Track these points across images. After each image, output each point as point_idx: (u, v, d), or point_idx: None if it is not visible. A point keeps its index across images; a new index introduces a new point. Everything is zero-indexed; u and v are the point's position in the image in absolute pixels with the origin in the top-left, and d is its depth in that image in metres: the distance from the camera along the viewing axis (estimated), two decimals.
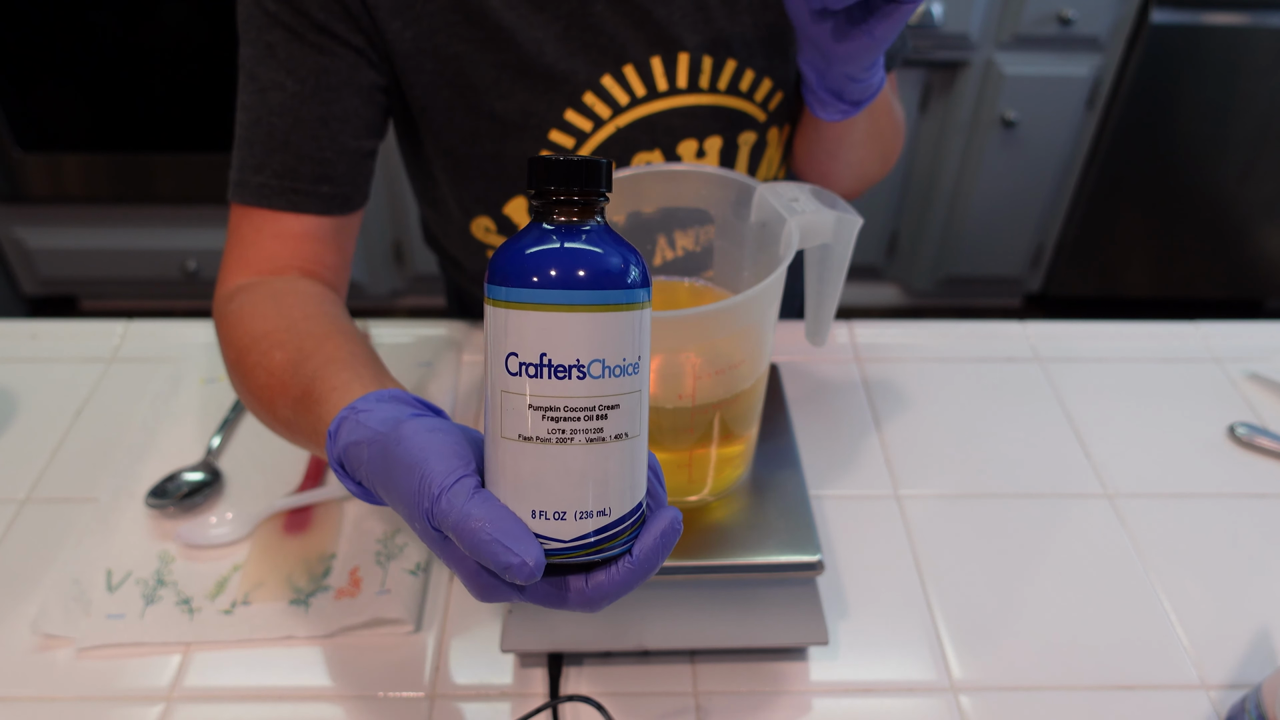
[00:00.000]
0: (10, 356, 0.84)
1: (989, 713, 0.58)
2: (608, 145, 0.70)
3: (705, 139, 0.72)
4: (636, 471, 0.37)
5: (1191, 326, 0.90)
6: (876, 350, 0.86)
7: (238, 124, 0.65)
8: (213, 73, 1.84)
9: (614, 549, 0.37)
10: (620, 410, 0.35)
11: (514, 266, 0.35)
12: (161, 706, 0.58)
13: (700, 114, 0.70)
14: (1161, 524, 0.70)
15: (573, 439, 0.35)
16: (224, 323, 0.61)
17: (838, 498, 0.72)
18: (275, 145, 0.63)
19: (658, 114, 0.70)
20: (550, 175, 0.35)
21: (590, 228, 0.36)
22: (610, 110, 0.69)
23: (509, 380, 0.35)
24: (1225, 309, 2.28)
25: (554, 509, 0.36)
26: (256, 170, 0.64)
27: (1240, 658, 0.61)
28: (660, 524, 0.37)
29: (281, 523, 0.68)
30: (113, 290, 2.21)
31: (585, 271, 0.34)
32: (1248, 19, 1.77)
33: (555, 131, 0.68)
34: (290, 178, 0.64)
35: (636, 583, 0.37)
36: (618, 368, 0.35)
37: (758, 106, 0.72)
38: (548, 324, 0.34)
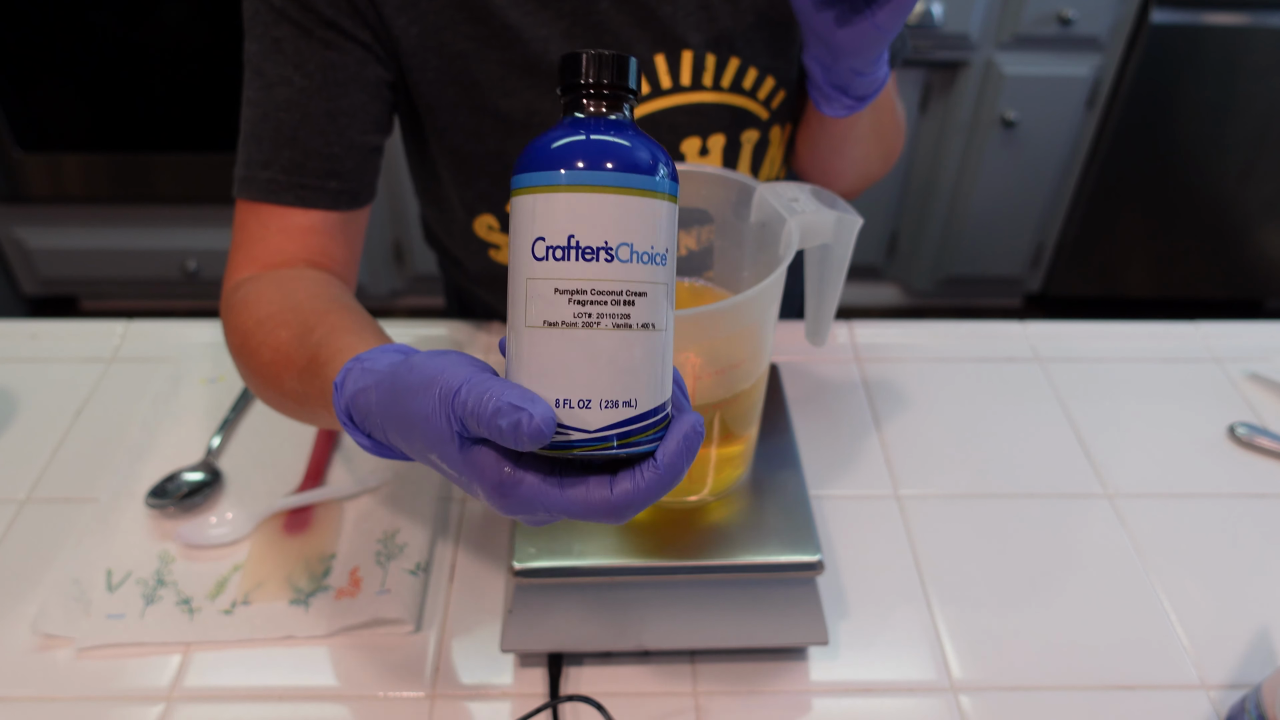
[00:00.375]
0: (10, 356, 0.84)
1: (989, 713, 0.58)
2: None
3: (709, 137, 0.72)
4: (662, 367, 0.37)
5: (1192, 326, 0.90)
6: (876, 350, 0.86)
7: (244, 119, 0.65)
8: (213, 73, 1.84)
9: (639, 445, 0.36)
10: (647, 299, 0.35)
11: (543, 154, 0.35)
12: (161, 706, 0.58)
13: (704, 111, 0.71)
14: (1162, 524, 0.70)
15: (599, 323, 0.35)
16: (230, 312, 0.61)
17: (838, 498, 0.72)
18: (283, 141, 0.63)
19: (661, 111, 0.70)
20: (580, 68, 0.35)
21: (618, 119, 0.36)
22: None
23: (535, 266, 0.35)
24: (1225, 309, 2.28)
25: (579, 396, 0.35)
26: (264, 166, 0.64)
27: (1240, 658, 0.61)
28: (682, 427, 0.37)
29: (281, 523, 0.68)
30: (113, 290, 2.21)
31: (615, 155, 0.34)
32: (1248, 19, 1.77)
33: None
34: (298, 173, 0.64)
35: (662, 490, 0.36)
36: (645, 254, 0.35)
37: (760, 104, 0.72)
38: (576, 205, 0.34)
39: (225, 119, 1.90)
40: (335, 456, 0.73)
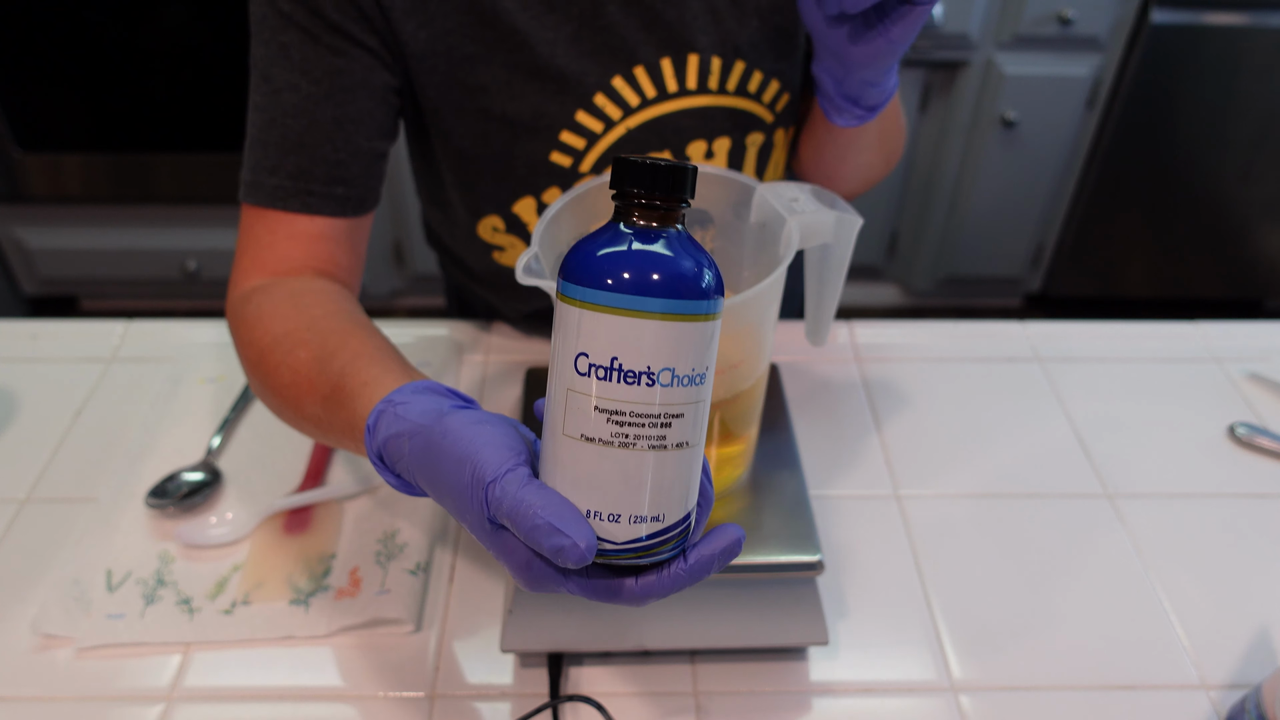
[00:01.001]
0: (10, 356, 0.84)
1: (989, 713, 0.58)
2: (618, 146, 0.70)
3: (714, 140, 0.72)
4: (693, 479, 0.37)
5: (1191, 326, 0.90)
6: (876, 350, 0.86)
7: (250, 124, 0.65)
8: (212, 73, 1.84)
9: (663, 554, 0.37)
10: (684, 419, 0.36)
11: (591, 266, 0.34)
12: (162, 706, 0.58)
13: (709, 115, 0.71)
14: (1162, 524, 0.70)
15: (635, 444, 0.35)
16: (241, 324, 0.61)
17: (838, 498, 0.72)
18: (290, 147, 0.63)
19: (667, 115, 0.70)
20: (635, 177, 0.35)
21: (670, 234, 0.35)
22: (621, 111, 0.69)
23: (577, 380, 0.35)
24: (1225, 309, 2.28)
25: (610, 510, 0.36)
26: (271, 172, 0.63)
27: (1240, 658, 0.62)
28: (722, 541, 0.38)
29: (281, 523, 0.68)
30: (113, 290, 2.21)
31: (664, 278, 0.34)
32: (1248, 19, 1.77)
33: (566, 133, 0.68)
34: (305, 179, 0.64)
35: (685, 586, 0.38)
36: (686, 377, 0.35)
37: (765, 108, 0.72)
38: (622, 329, 0.34)
39: (225, 119, 1.90)
40: (335, 456, 0.73)
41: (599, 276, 0.34)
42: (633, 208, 0.35)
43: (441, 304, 1.04)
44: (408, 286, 2.19)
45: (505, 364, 0.84)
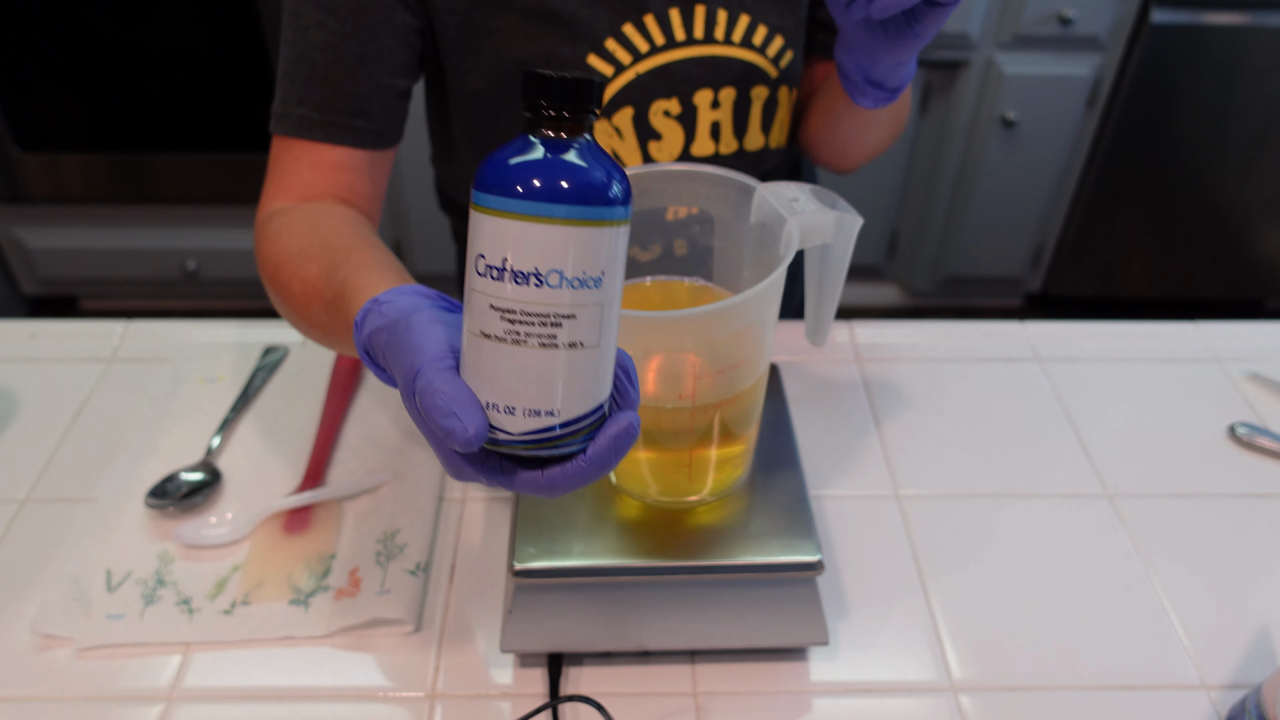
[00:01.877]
0: (10, 356, 0.84)
1: (989, 713, 0.58)
2: (627, 91, 0.73)
3: (720, 89, 0.75)
4: (590, 379, 0.39)
5: (1192, 326, 0.90)
6: (876, 350, 0.86)
7: (281, 59, 0.69)
8: (212, 73, 1.84)
9: (564, 447, 0.39)
10: (576, 320, 0.37)
11: (490, 173, 0.36)
12: (161, 707, 0.58)
13: (715, 64, 0.74)
14: (1162, 524, 0.70)
15: (526, 341, 0.37)
16: (262, 241, 0.65)
17: (838, 498, 0.72)
18: (315, 80, 0.68)
19: (675, 63, 0.73)
20: (539, 90, 0.36)
21: (574, 144, 0.37)
22: (631, 57, 0.72)
23: (475, 279, 0.37)
24: (1225, 309, 2.28)
25: (505, 403, 0.38)
26: (297, 104, 0.68)
27: (1241, 658, 0.61)
28: (615, 427, 0.40)
29: (281, 523, 0.68)
30: (112, 290, 2.21)
31: (552, 184, 0.36)
32: (1248, 19, 1.77)
33: None
34: (328, 111, 0.68)
35: (590, 479, 0.40)
36: (576, 280, 0.36)
37: (770, 62, 0.75)
38: (511, 232, 0.36)
39: (224, 119, 1.90)
40: (335, 457, 0.73)
41: (492, 183, 0.36)
42: (538, 119, 0.37)
43: None
44: None
45: None
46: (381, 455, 0.73)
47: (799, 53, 0.78)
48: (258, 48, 1.80)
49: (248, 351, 0.83)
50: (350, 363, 0.81)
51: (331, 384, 0.79)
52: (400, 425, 0.75)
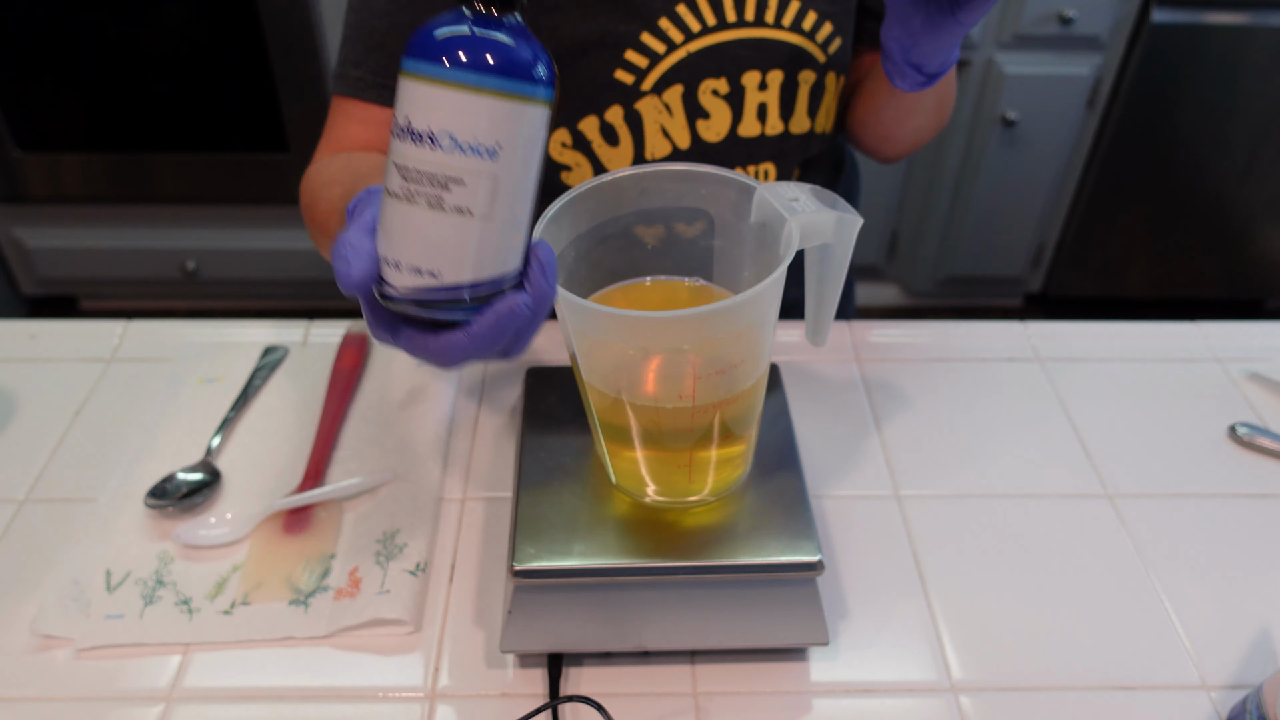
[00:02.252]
0: (9, 357, 0.84)
1: (990, 713, 0.58)
2: (678, 68, 0.76)
3: (768, 72, 0.77)
4: (475, 249, 0.40)
5: (1192, 326, 0.89)
6: (876, 350, 0.86)
7: (345, 24, 0.75)
8: (212, 73, 1.84)
9: (448, 313, 0.41)
10: (465, 187, 0.39)
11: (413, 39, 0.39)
12: (161, 707, 0.58)
13: (764, 47, 0.76)
14: (1162, 524, 0.70)
15: (415, 199, 0.39)
16: (304, 182, 0.72)
17: (838, 498, 0.72)
18: (372, 46, 0.73)
19: (725, 43, 0.76)
20: None
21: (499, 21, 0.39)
22: (683, 35, 0.75)
23: (390, 138, 0.40)
24: (1226, 309, 2.28)
25: (395, 258, 0.41)
26: (354, 66, 0.74)
27: (1241, 658, 0.61)
28: (503, 304, 0.42)
29: (281, 523, 0.68)
30: (112, 290, 2.21)
31: (453, 50, 0.38)
32: (1248, 18, 1.77)
33: (630, 52, 0.75)
34: (382, 75, 0.73)
35: (474, 353, 0.42)
36: (469, 146, 0.38)
37: (818, 47, 0.78)
38: (413, 92, 0.39)
39: (224, 119, 1.90)
40: (335, 457, 0.73)
41: (410, 48, 0.39)
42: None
43: None
44: None
45: (505, 364, 0.84)
46: (381, 455, 0.73)
47: (847, 40, 0.80)
48: (258, 48, 1.80)
49: (247, 351, 0.83)
50: (350, 362, 0.80)
51: (331, 384, 0.79)
52: (400, 425, 0.75)
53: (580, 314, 0.51)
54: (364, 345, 0.83)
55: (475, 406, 0.79)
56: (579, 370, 0.56)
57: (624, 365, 0.55)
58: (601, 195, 0.57)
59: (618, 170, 0.57)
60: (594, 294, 0.60)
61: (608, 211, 0.58)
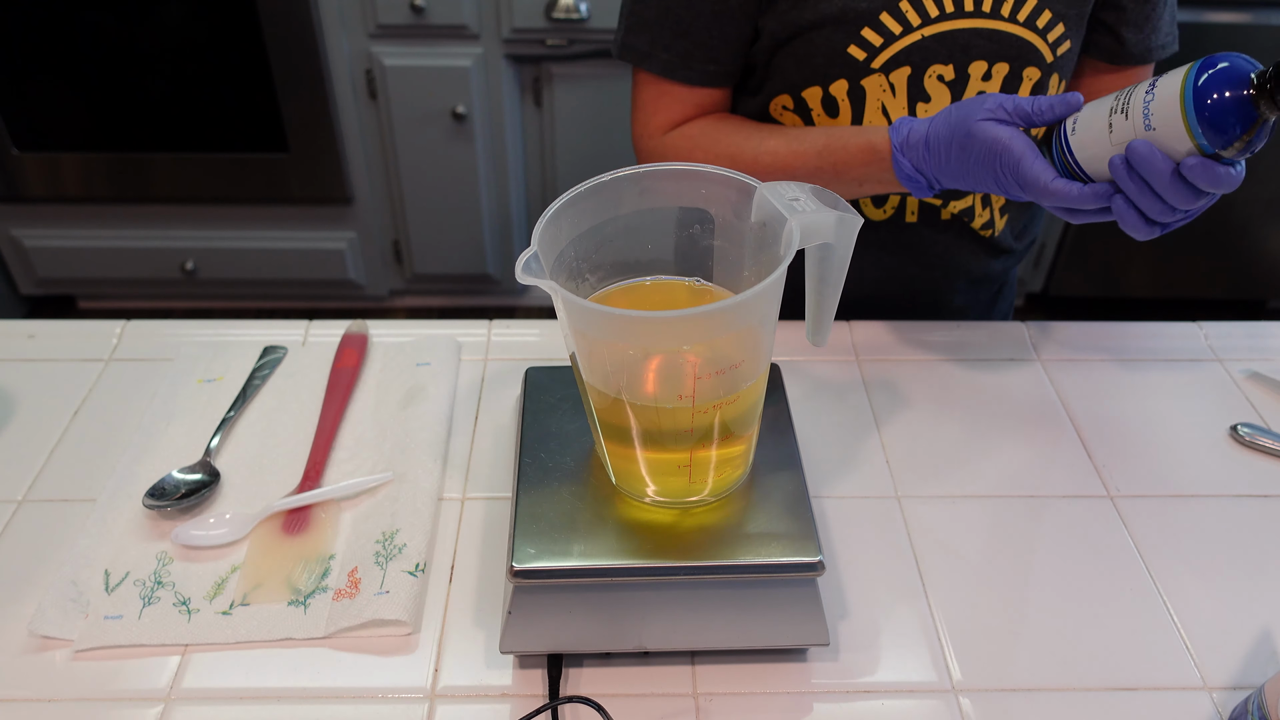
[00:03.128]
0: (8, 356, 0.84)
1: (990, 714, 0.58)
2: (909, 51, 0.78)
3: (995, 63, 0.80)
4: None
5: (1193, 326, 0.89)
6: (876, 350, 0.86)
7: (643, 5, 0.81)
8: (210, 72, 1.84)
9: None
10: None
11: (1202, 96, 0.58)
12: (160, 708, 0.57)
13: (996, 38, 0.78)
14: (1163, 524, 0.70)
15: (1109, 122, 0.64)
16: (679, 149, 0.84)
17: (838, 498, 0.71)
18: (680, 32, 0.80)
19: (958, 30, 0.78)
20: None
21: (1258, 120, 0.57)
22: (920, 19, 0.77)
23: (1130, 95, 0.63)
24: (1227, 309, 2.28)
25: None
26: (665, 49, 0.81)
27: (1243, 659, 0.61)
28: None
29: (280, 523, 0.68)
30: (110, 290, 2.20)
31: (1213, 129, 0.58)
32: (1249, 17, 1.77)
33: (867, 29, 0.78)
34: (689, 58, 0.81)
35: None
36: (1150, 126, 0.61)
37: (1048, 46, 0.80)
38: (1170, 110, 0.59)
39: (223, 118, 1.90)
40: (334, 457, 0.73)
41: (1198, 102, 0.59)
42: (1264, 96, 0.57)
43: (440, 303, 1.05)
44: (407, 286, 2.19)
45: (505, 364, 0.84)
46: (380, 455, 0.73)
47: (1077, 45, 0.82)
48: (257, 48, 1.80)
49: (247, 351, 0.83)
50: (350, 362, 0.80)
51: (331, 384, 0.79)
52: (399, 425, 0.75)
53: (580, 314, 0.51)
54: (363, 345, 0.83)
55: (475, 406, 0.79)
56: (579, 370, 0.56)
57: (624, 365, 0.55)
58: (601, 195, 0.57)
59: (618, 170, 0.57)
60: (594, 294, 0.60)
61: (608, 211, 0.58)
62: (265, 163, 1.95)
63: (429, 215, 2.05)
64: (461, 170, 1.97)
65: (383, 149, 1.96)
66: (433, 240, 2.09)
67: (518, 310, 2.25)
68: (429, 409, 0.76)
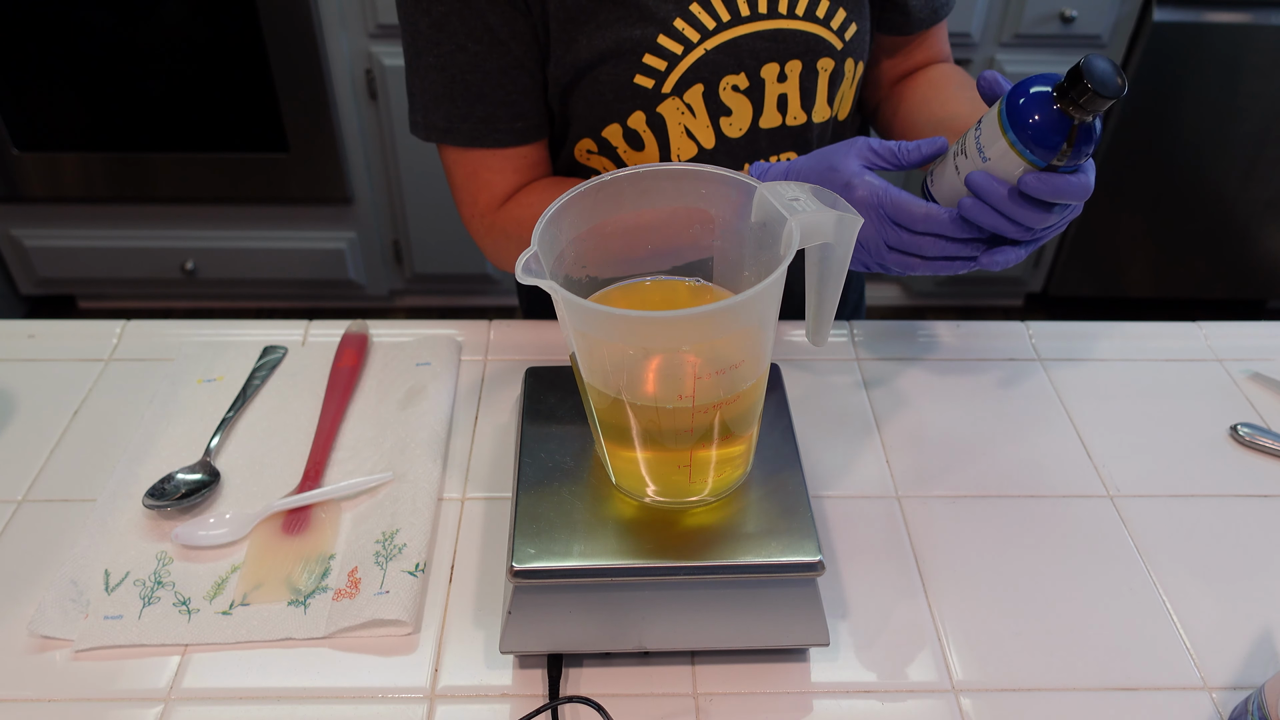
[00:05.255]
0: (8, 356, 0.84)
1: (990, 714, 0.58)
2: (697, 67, 0.76)
3: (786, 63, 0.78)
4: None
5: (1193, 327, 0.89)
6: (876, 350, 0.86)
7: (424, 79, 0.77)
8: (210, 72, 1.84)
9: None
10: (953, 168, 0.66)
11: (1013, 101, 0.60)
12: (160, 708, 0.57)
13: (781, 37, 0.77)
14: (1163, 524, 0.70)
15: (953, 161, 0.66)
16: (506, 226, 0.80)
17: (838, 498, 0.71)
18: (474, 98, 0.76)
19: (742, 37, 0.76)
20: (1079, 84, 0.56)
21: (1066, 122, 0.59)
22: (699, 34, 0.75)
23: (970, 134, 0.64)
24: (1227, 309, 2.28)
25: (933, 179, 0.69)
26: (462, 119, 0.77)
27: (1243, 659, 0.61)
28: None
29: (280, 523, 0.68)
30: (110, 290, 2.20)
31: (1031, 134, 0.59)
32: (1249, 17, 1.76)
33: (649, 56, 0.75)
34: (493, 121, 0.77)
35: None
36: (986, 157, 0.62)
37: (834, 34, 0.79)
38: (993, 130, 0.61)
39: (223, 118, 1.90)
40: (334, 457, 0.73)
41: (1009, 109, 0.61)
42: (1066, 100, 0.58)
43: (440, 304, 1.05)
44: (406, 286, 2.19)
45: (505, 364, 0.84)
46: (380, 455, 0.73)
47: (864, 25, 0.81)
48: (257, 48, 1.80)
49: (246, 351, 0.83)
50: (350, 362, 0.80)
51: (330, 384, 0.79)
52: (399, 425, 0.75)
53: (580, 314, 0.51)
54: (363, 345, 0.83)
55: (475, 406, 0.79)
56: (579, 370, 0.56)
57: (624, 365, 0.55)
58: (601, 195, 0.57)
59: (618, 170, 0.57)
60: (594, 294, 0.60)
61: (608, 211, 0.58)
62: (265, 163, 1.95)
63: (429, 215, 2.05)
64: None
65: (383, 149, 1.96)
66: (433, 240, 2.09)
67: (518, 310, 2.25)
68: (429, 409, 0.76)
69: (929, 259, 0.65)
